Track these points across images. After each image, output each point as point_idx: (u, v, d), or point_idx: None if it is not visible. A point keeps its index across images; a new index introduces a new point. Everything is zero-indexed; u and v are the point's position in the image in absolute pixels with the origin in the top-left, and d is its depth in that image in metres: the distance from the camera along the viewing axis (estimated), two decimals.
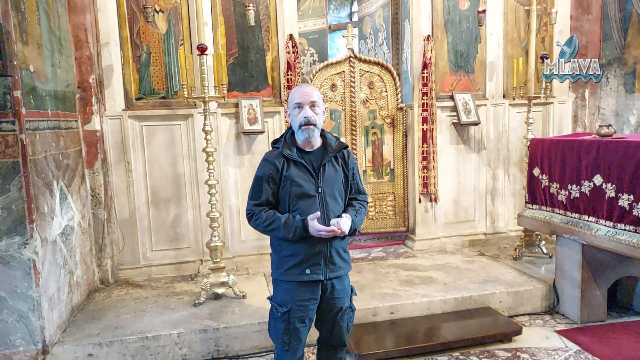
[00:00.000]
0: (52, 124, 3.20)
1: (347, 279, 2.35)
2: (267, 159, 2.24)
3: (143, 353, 3.04)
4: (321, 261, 2.20)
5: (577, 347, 3.13)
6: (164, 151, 4.18)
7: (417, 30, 4.59)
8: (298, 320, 2.22)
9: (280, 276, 2.25)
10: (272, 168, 2.19)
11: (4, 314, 2.76)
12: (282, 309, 2.22)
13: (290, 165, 2.20)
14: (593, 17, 4.90)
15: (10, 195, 2.70)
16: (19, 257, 2.74)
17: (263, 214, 2.19)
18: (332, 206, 2.22)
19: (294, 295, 2.21)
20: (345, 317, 2.33)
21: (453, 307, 3.54)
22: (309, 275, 2.19)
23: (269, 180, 2.20)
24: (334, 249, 2.23)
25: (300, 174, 2.19)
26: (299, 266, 2.19)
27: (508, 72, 4.79)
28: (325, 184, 2.21)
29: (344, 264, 2.29)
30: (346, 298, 2.32)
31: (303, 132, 2.18)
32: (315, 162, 2.24)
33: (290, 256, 2.21)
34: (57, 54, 3.41)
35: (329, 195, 2.22)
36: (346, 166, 2.31)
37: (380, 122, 4.85)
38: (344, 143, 2.32)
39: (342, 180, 2.29)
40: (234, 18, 4.25)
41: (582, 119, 5.08)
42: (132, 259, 4.20)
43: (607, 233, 3.08)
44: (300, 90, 2.23)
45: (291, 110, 2.22)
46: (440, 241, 4.82)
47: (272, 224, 2.17)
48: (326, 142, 2.28)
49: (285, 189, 2.19)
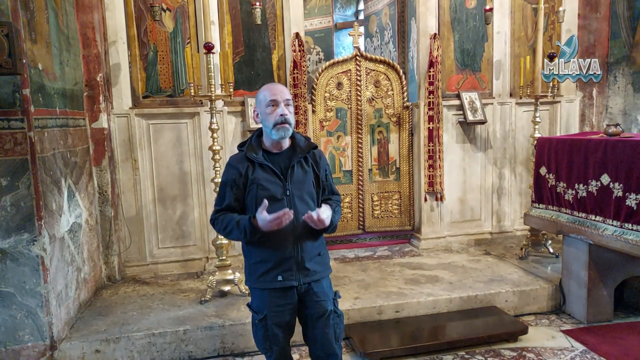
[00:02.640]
0: (60, 121, 3.22)
1: (326, 281, 2.23)
2: (230, 163, 2.16)
3: (149, 349, 3.06)
4: (293, 266, 2.10)
5: (583, 347, 3.11)
6: (171, 149, 4.21)
7: (424, 28, 4.58)
8: (276, 325, 2.15)
9: (254, 284, 2.16)
10: (235, 172, 2.11)
11: (12, 310, 2.79)
12: (258, 315, 2.15)
13: (255, 168, 2.10)
14: (601, 15, 4.86)
15: (19, 192, 2.73)
16: (28, 253, 2.77)
17: (220, 218, 2.12)
18: (302, 208, 2.10)
19: (269, 302, 2.13)
20: (330, 322, 2.19)
21: (458, 306, 3.54)
22: (282, 282, 2.10)
23: (232, 185, 2.11)
24: (306, 252, 2.12)
25: (266, 177, 2.09)
26: (270, 272, 2.10)
27: (515, 71, 4.77)
28: (293, 186, 2.11)
29: (320, 268, 2.18)
30: (328, 301, 2.19)
31: (278, 131, 2.07)
32: (283, 163, 2.13)
33: (259, 263, 2.12)
34: (66, 52, 3.43)
35: (297, 198, 2.11)
36: (317, 167, 2.20)
37: (386, 121, 4.85)
38: (313, 143, 2.22)
39: (313, 181, 2.18)
40: (240, 16, 4.27)
41: (589, 118, 5.05)
42: (138, 256, 4.23)
43: (614, 233, 3.06)
44: (274, 87, 2.13)
45: (263, 108, 2.10)
46: (445, 240, 4.82)
47: (228, 227, 2.09)
48: (295, 142, 2.17)
49: (252, 193, 2.10)
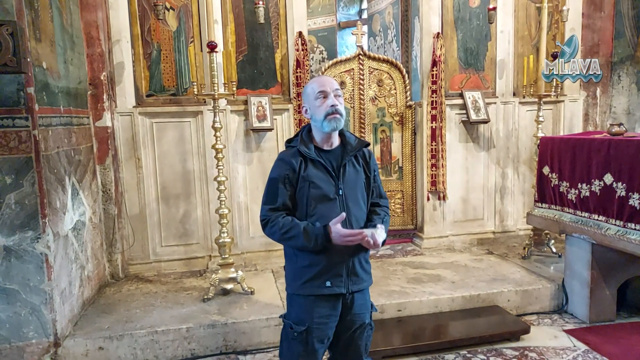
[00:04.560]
0: (64, 120, 3.24)
1: (368, 292, 2.13)
2: (282, 158, 2.01)
3: (152, 347, 3.08)
4: (343, 272, 1.97)
5: (586, 347, 3.11)
6: (174, 148, 4.22)
7: (427, 27, 4.57)
8: (317, 340, 1.99)
9: (297, 290, 2.01)
10: (288, 168, 1.96)
11: (17, 307, 2.81)
12: (299, 327, 1.98)
13: (308, 164, 1.97)
14: (605, 14, 4.84)
15: (24, 190, 2.75)
16: (32, 251, 2.79)
17: (280, 220, 1.94)
18: (355, 211, 2.00)
19: (313, 312, 1.97)
20: (364, 335, 2.09)
21: (461, 305, 3.54)
22: (330, 288, 1.96)
23: (285, 181, 1.96)
24: (357, 258, 2.01)
25: (319, 175, 1.97)
26: (318, 278, 1.96)
27: (518, 70, 4.76)
28: (346, 186, 1.99)
29: (366, 276, 2.08)
30: (367, 314, 2.09)
31: (330, 122, 1.95)
32: (335, 161, 2.01)
33: (308, 267, 1.97)
34: (70, 51, 3.45)
35: (350, 199, 2.00)
36: (367, 167, 2.09)
37: (389, 120, 4.85)
38: (365, 141, 2.10)
39: (364, 182, 2.07)
40: (243, 15, 4.27)
41: (593, 118, 5.03)
42: (142, 254, 4.25)
43: (617, 232, 3.06)
44: (322, 79, 2.02)
45: (312, 101, 1.98)
46: (448, 239, 4.81)
47: (290, 232, 1.92)
48: (345, 140, 2.06)
49: (303, 191, 1.96)
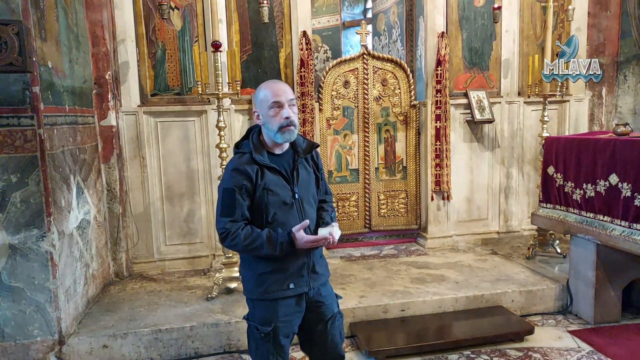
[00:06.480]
0: (69, 119, 3.26)
1: (329, 284, 2.18)
2: (237, 167, 1.92)
3: (156, 345, 3.09)
4: (304, 272, 2.01)
5: (590, 348, 3.10)
6: (178, 147, 4.23)
7: (432, 27, 4.56)
8: (283, 336, 2.02)
9: (260, 296, 1.99)
10: (245, 178, 1.90)
11: (22, 305, 2.82)
12: (265, 328, 1.98)
13: (264, 172, 1.93)
14: (611, 13, 4.81)
15: (29, 188, 2.76)
16: (37, 249, 2.80)
17: (240, 233, 1.89)
18: (310, 212, 2.02)
19: (278, 312, 1.98)
20: (336, 324, 2.13)
21: (465, 305, 3.53)
22: (294, 289, 1.98)
23: (242, 192, 1.90)
24: (315, 257, 2.05)
25: (275, 180, 1.94)
26: (281, 282, 1.97)
27: (523, 70, 4.74)
28: (300, 189, 1.99)
29: (325, 270, 2.13)
30: (334, 303, 2.15)
31: (284, 134, 1.92)
32: (288, 165, 2.00)
33: (269, 273, 1.97)
34: (75, 51, 3.46)
35: (305, 201, 2.01)
36: (317, 167, 2.11)
37: (393, 120, 4.84)
38: (314, 142, 2.10)
39: (314, 182, 2.10)
40: (248, 15, 4.28)
41: (598, 118, 5.00)
42: (146, 253, 4.26)
43: (623, 233, 3.04)
44: (277, 87, 1.94)
45: (265, 109, 1.92)
46: (452, 239, 4.80)
47: (253, 243, 1.88)
48: (294, 142, 2.03)
49: (261, 200, 1.92)
